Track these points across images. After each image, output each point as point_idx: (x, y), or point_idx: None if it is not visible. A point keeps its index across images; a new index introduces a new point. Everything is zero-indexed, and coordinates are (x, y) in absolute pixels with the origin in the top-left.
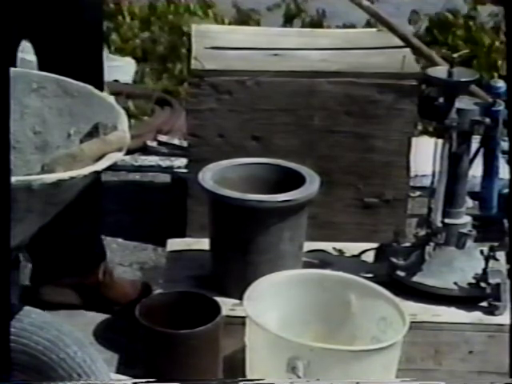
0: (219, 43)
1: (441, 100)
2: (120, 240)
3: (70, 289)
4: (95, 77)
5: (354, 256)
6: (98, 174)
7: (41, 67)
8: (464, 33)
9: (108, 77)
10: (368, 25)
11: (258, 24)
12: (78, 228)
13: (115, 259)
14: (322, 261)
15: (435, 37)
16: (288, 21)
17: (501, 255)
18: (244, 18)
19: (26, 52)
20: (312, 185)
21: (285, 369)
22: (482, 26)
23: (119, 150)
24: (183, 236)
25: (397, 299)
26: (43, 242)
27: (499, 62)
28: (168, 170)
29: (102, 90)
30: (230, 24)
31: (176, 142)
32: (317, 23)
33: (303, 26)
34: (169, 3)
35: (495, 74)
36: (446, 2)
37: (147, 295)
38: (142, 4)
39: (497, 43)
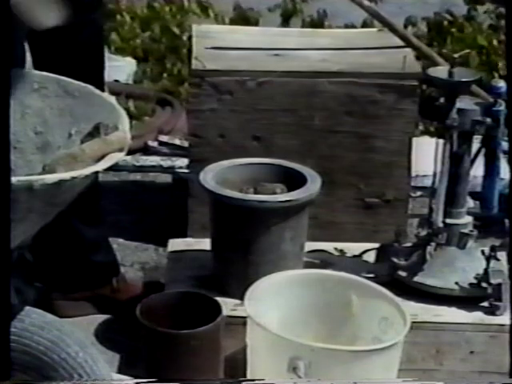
0: (220, 43)
1: (442, 100)
2: (121, 240)
3: (85, 301)
4: (95, 77)
5: (355, 256)
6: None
7: (36, 67)
8: (463, 34)
9: (108, 77)
10: (368, 25)
11: (256, 24)
12: (86, 238)
13: None
14: (323, 261)
15: (433, 39)
16: (286, 20)
17: (502, 255)
18: (244, 17)
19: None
20: (313, 185)
21: (286, 369)
22: (480, 27)
23: (120, 150)
24: (184, 236)
25: (398, 299)
26: (54, 256)
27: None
28: (169, 170)
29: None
30: (231, 23)
31: (177, 142)
32: (317, 23)
33: (304, 26)
34: (167, 3)
35: (495, 74)
36: (443, 4)
37: None
38: (142, 4)
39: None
